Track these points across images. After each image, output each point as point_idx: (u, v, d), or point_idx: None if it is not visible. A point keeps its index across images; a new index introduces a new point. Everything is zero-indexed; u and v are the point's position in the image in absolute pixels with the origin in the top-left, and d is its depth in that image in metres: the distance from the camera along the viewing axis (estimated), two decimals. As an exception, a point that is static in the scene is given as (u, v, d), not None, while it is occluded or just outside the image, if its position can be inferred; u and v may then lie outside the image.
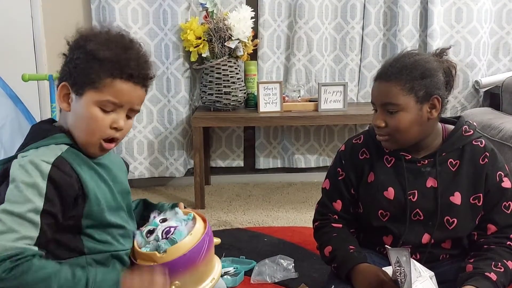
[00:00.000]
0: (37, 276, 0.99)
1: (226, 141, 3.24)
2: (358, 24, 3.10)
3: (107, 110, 1.10)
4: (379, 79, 1.35)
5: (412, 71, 1.31)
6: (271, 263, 1.98)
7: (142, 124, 3.03)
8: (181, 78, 2.95)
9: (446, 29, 3.08)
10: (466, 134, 1.39)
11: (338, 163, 1.51)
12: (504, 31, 3.13)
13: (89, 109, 1.09)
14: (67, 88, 1.11)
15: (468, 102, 3.15)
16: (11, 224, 0.99)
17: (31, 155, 1.06)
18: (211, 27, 2.74)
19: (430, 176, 1.37)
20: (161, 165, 3.09)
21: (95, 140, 1.11)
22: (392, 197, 1.39)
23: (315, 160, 3.28)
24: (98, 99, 1.08)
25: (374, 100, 1.37)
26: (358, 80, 3.20)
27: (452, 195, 1.36)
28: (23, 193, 1.01)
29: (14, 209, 1.00)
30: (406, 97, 1.30)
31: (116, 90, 1.09)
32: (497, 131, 2.42)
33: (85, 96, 1.09)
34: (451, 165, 1.38)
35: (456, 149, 1.38)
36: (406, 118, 1.31)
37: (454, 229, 1.36)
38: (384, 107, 1.32)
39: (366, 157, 1.45)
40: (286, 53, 3.14)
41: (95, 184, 1.11)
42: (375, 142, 1.43)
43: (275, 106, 2.80)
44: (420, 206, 1.37)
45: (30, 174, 1.03)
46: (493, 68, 3.18)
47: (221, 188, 3.19)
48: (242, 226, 2.54)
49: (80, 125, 1.11)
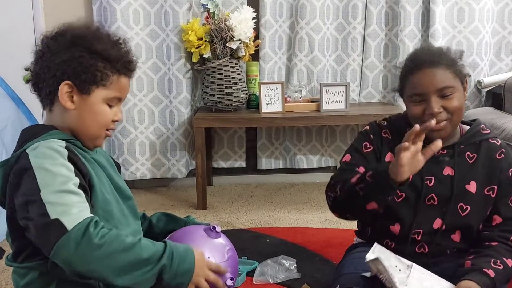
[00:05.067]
0: (126, 242, 1.01)
1: (228, 142, 3.23)
2: (359, 24, 3.10)
3: (112, 105, 1.16)
4: (426, 67, 1.35)
5: (449, 55, 1.37)
6: (273, 263, 1.98)
7: (144, 125, 3.03)
8: (183, 79, 2.95)
9: (448, 29, 3.07)
10: (484, 132, 1.44)
11: (364, 138, 1.49)
12: (506, 31, 3.13)
13: (98, 106, 1.14)
14: (69, 87, 1.11)
15: (471, 102, 3.14)
16: (64, 201, 1.00)
17: (41, 145, 1.06)
18: (212, 28, 2.74)
19: (448, 165, 1.41)
20: (163, 166, 3.09)
21: (102, 132, 1.17)
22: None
23: (317, 161, 3.28)
24: (106, 96, 1.14)
25: (426, 89, 1.34)
26: (360, 80, 3.19)
27: (468, 184, 1.40)
28: (55, 172, 1.02)
29: (56, 187, 1.00)
30: (456, 79, 1.35)
31: (120, 86, 1.16)
32: (499, 130, 2.41)
33: (93, 94, 1.13)
34: (468, 158, 1.42)
35: (474, 143, 1.43)
36: (461, 98, 1.36)
37: (466, 216, 1.39)
38: (440, 92, 1.34)
39: (387, 137, 1.48)
40: (287, 54, 3.14)
41: (97, 177, 1.13)
42: (396, 128, 1.46)
43: (277, 106, 2.80)
44: (436, 191, 1.40)
45: (52, 157, 1.04)
46: (495, 68, 3.17)
47: (223, 189, 3.18)
48: (244, 227, 2.54)
49: (89, 121, 1.14)
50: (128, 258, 1.00)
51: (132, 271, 1.00)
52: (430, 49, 1.40)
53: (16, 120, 2.51)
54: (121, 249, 1.00)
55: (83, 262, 0.98)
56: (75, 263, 0.98)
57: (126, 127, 2.99)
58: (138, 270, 1.01)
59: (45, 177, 1.01)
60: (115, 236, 1.01)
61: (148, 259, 1.02)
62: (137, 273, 1.01)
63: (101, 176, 1.15)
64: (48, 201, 0.99)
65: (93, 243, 0.97)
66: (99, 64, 1.11)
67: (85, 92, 1.12)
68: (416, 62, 1.37)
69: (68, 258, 0.98)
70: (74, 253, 0.97)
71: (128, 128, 3.00)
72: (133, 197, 1.26)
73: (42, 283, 1.10)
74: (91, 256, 0.97)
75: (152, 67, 2.97)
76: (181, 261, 1.06)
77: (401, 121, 1.48)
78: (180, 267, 1.05)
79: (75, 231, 0.97)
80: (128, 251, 1.00)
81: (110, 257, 0.99)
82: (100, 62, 1.12)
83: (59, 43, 1.12)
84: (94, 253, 0.97)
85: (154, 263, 1.02)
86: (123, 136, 2.99)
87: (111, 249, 0.99)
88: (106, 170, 1.19)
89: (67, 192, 1.01)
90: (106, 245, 0.99)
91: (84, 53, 1.10)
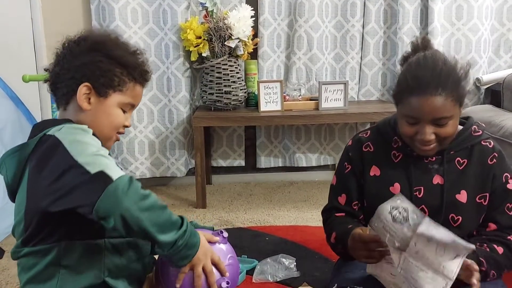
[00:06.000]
0: (160, 202, 1.06)
1: (227, 141, 3.23)
2: (358, 22, 3.10)
3: (125, 111, 1.23)
4: (425, 93, 1.24)
5: (454, 77, 1.25)
6: (273, 262, 1.98)
7: (143, 124, 3.03)
8: (182, 78, 2.95)
9: (446, 27, 3.07)
10: (475, 134, 1.38)
11: (345, 157, 1.51)
12: (505, 28, 3.13)
13: (113, 110, 1.20)
14: (88, 88, 1.17)
15: (469, 99, 3.14)
16: (101, 161, 1.02)
17: (66, 126, 1.11)
18: (211, 27, 2.73)
19: (437, 173, 1.37)
20: (163, 165, 3.09)
21: (113, 134, 1.23)
22: (398, 192, 1.38)
23: (316, 159, 3.28)
24: (121, 101, 1.20)
25: (422, 116, 1.26)
26: (359, 78, 3.19)
27: (458, 193, 1.35)
28: (87, 142, 1.07)
29: (90, 152, 1.04)
30: (455, 106, 1.26)
31: (135, 93, 1.23)
32: (498, 128, 2.41)
33: (110, 97, 1.19)
34: (459, 164, 1.37)
35: (465, 148, 1.37)
36: (455, 124, 1.29)
37: (458, 226, 1.35)
38: (436, 121, 1.27)
39: (369, 151, 1.45)
40: (286, 52, 3.14)
41: None
42: (383, 137, 1.42)
43: (276, 105, 2.80)
44: (426, 203, 1.36)
45: (81, 131, 1.10)
46: (494, 65, 3.17)
47: (223, 188, 3.19)
48: (243, 225, 2.54)
49: (103, 122, 1.19)
50: (164, 216, 1.06)
51: (166, 229, 1.05)
52: (436, 66, 1.25)
53: (15, 120, 2.51)
54: (159, 206, 1.05)
55: (131, 209, 1.00)
56: (123, 209, 0.99)
57: (125, 126, 2.99)
58: (169, 231, 1.06)
59: (78, 146, 1.04)
60: (153, 194, 1.07)
61: (175, 222, 1.08)
62: (169, 234, 1.06)
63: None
64: (86, 162, 1.01)
65: (139, 193, 1.02)
66: (117, 70, 1.18)
67: (102, 95, 1.18)
68: (420, 83, 1.25)
69: (114, 206, 0.99)
70: (124, 198, 0.99)
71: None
72: None
73: (47, 275, 1.12)
74: (138, 205, 1.01)
75: (151, 66, 2.93)
76: (192, 234, 1.11)
77: (387, 129, 1.44)
78: (190, 239, 1.10)
79: (121, 180, 1.00)
80: (164, 210, 1.06)
81: (151, 210, 1.03)
82: (118, 68, 1.18)
83: (81, 47, 1.19)
84: (139, 203, 1.01)
85: (177, 228, 1.08)
86: (122, 135, 2.99)
87: (152, 203, 1.04)
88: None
89: (102, 155, 1.04)
90: (150, 198, 1.04)
91: (103, 57, 1.17)
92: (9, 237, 2.27)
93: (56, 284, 1.11)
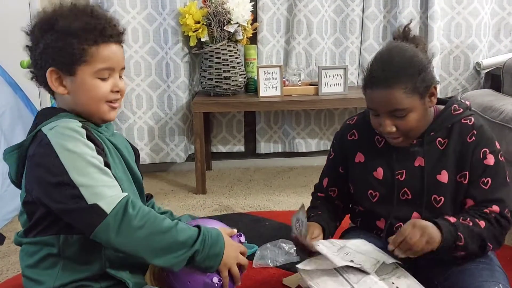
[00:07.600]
0: (163, 225, 1.05)
1: (226, 126, 3.23)
2: (358, 7, 3.07)
3: (105, 78, 1.13)
4: (377, 86, 1.28)
5: (408, 70, 1.27)
6: (273, 247, 1.99)
7: (142, 109, 3.02)
8: (181, 63, 2.94)
9: (447, 11, 3.05)
10: (455, 113, 1.37)
11: (332, 143, 1.58)
12: (505, 12, 3.11)
13: (89, 83, 1.12)
14: (56, 73, 1.12)
15: (469, 83, 3.13)
16: (96, 182, 1.02)
17: (59, 125, 1.08)
18: (210, 11, 2.71)
19: (419, 155, 1.38)
20: (162, 151, 3.09)
21: (102, 106, 1.15)
22: (381, 177, 1.41)
23: (315, 144, 3.28)
24: (92, 71, 1.11)
25: (376, 108, 1.32)
26: (359, 63, 3.18)
27: (439, 174, 1.36)
28: (79, 153, 1.04)
29: (84, 169, 1.02)
30: (411, 98, 1.27)
31: (103, 56, 1.12)
32: (498, 113, 2.41)
33: (78, 73, 1.11)
34: (440, 144, 1.37)
35: (445, 128, 1.37)
36: (415, 117, 1.30)
37: (441, 207, 1.36)
38: (392, 113, 1.29)
39: (354, 138, 1.48)
40: (286, 37, 3.12)
41: (110, 156, 1.15)
42: (368, 124, 1.42)
43: (275, 90, 2.79)
44: (408, 185, 1.38)
45: (72, 137, 1.05)
46: (494, 50, 3.16)
47: (222, 173, 3.19)
48: (243, 211, 2.55)
49: (84, 100, 1.13)
50: (165, 241, 1.04)
51: (168, 253, 1.05)
52: (386, 63, 1.28)
53: (13, 106, 2.50)
54: (159, 231, 1.04)
55: (124, 243, 1.02)
56: (116, 244, 1.02)
57: (124, 112, 2.98)
58: (174, 253, 1.05)
59: (70, 158, 1.03)
60: (154, 218, 1.05)
61: (184, 242, 1.06)
62: (173, 255, 1.05)
63: (114, 156, 1.17)
64: (81, 184, 1.01)
65: (133, 225, 1.01)
66: (73, 41, 1.09)
67: (71, 73, 1.11)
68: (371, 78, 1.30)
69: (109, 240, 1.02)
70: (116, 236, 1.01)
71: (126, 113, 2.99)
72: (143, 183, 1.30)
73: (48, 264, 1.12)
74: (131, 238, 1.01)
75: (150, 51, 2.95)
76: (213, 245, 1.10)
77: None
78: (211, 251, 1.10)
79: (114, 214, 1.00)
80: (166, 234, 1.04)
81: (148, 238, 1.03)
82: (72, 39, 1.09)
83: (35, 35, 1.13)
84: (134, 235, 1.01)
85: (188, 247, 1.07)
86: (121, 121, 2.99)
87: (150, 231, 1.03)
88: (120, 152, 1.21)
89: (95, 171, 1.03)
90: (146, 227, 1.02)
91: (53, 36, 1.10)
92: (10, 223, 2.27)
93: (57, 273, 1.12)
